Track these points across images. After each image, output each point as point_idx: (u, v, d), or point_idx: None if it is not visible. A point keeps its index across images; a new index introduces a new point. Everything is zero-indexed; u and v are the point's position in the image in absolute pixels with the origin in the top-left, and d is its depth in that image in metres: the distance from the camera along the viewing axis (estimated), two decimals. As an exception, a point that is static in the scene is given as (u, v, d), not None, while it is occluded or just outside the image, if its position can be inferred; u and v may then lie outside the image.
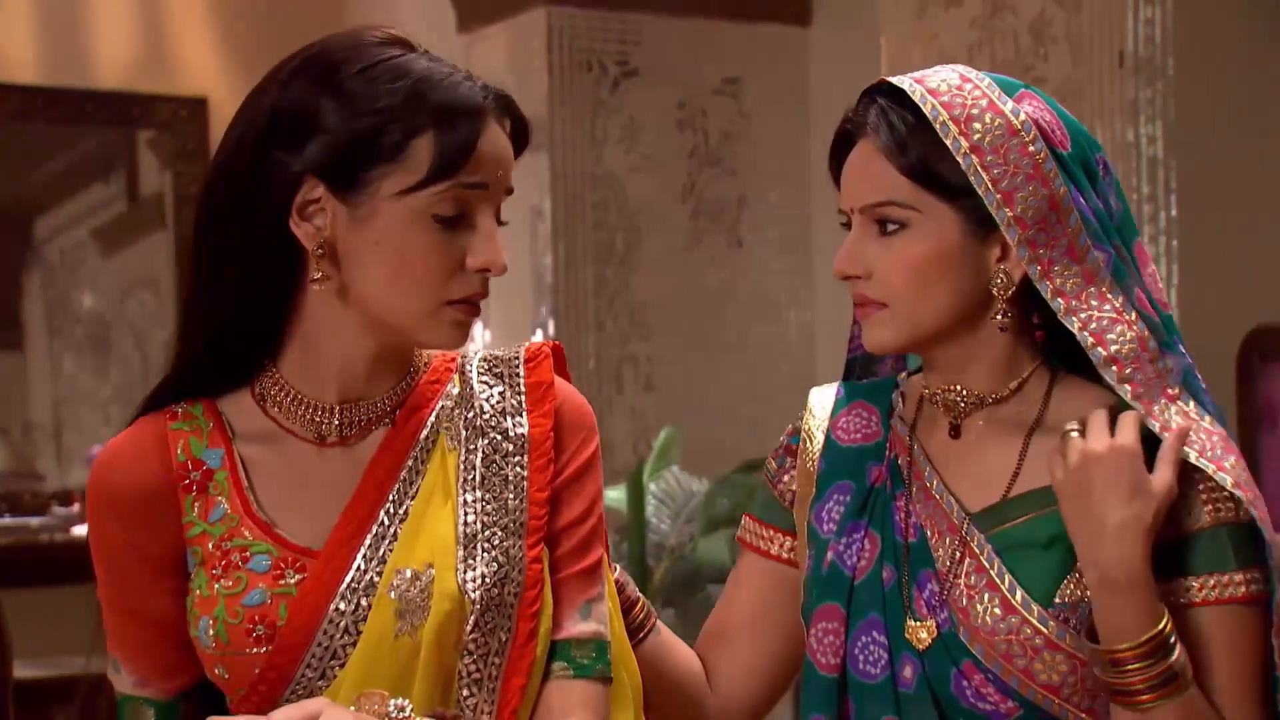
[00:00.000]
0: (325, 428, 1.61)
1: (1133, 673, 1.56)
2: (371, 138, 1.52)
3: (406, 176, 1.52)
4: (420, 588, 1.56)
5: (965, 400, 1.69)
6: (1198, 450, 1.61)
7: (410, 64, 1.55)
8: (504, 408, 1.63)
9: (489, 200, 1.56)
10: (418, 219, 1.53)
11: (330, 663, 1.56)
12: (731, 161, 5.48)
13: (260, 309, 1.59)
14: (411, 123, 1.52)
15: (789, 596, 1.78)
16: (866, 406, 1.78)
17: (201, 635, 1.58)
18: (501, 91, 1.58)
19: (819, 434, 1.78)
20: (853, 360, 1.85)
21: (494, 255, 1.55)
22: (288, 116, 1.54)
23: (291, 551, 1.58)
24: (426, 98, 1.53)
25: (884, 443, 1.75)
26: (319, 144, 1.53)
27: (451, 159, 1.52)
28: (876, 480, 1.73)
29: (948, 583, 1.65)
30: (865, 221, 1.67)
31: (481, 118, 1.55)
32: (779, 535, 1.81)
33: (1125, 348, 1.62)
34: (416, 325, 1.56)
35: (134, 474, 1.61)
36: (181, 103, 6.09)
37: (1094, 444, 1.59)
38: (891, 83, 1.68)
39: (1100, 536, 1.57)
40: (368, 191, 1.53)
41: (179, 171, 6.15)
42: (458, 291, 1.55)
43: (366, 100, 1.53)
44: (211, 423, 1.63)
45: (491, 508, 1.58)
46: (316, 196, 1.54)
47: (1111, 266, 1.65)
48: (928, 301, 1.65)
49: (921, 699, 1.64)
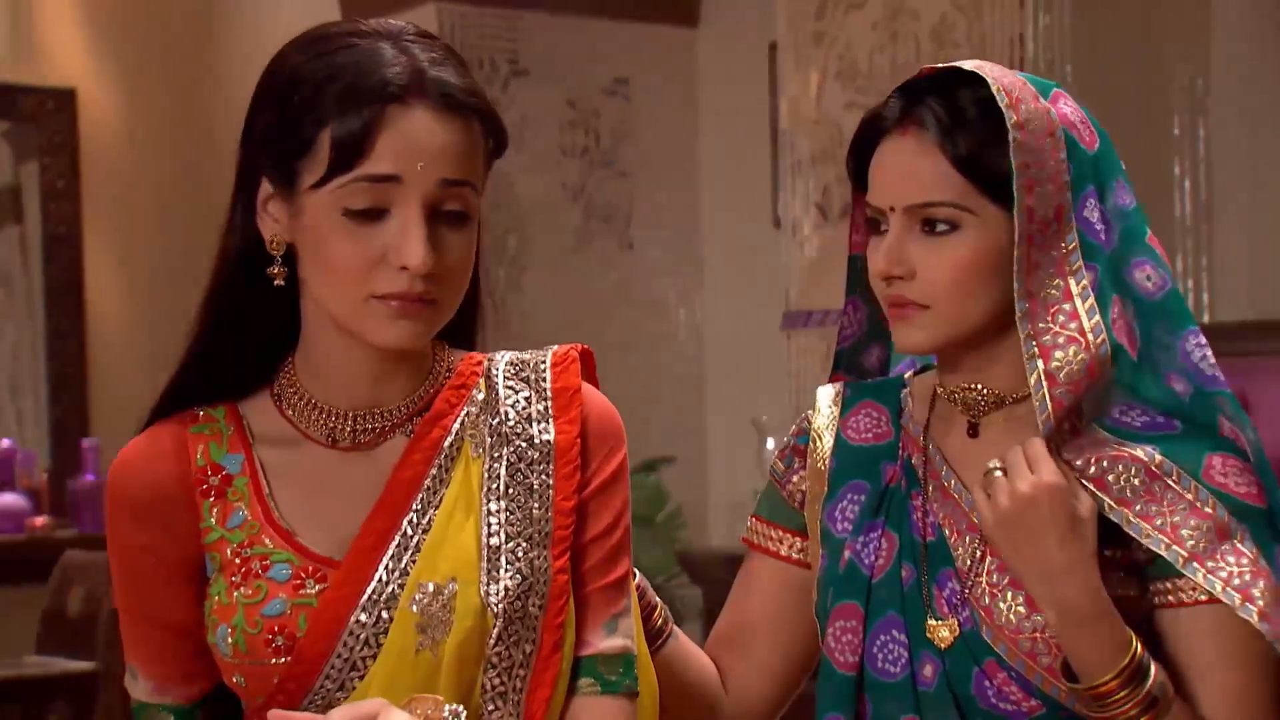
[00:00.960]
0: (338, 432, 1.58)
1: (1121, 701, 1.55)
2: (292, 132, 1.49)
3: (316, 169, 1.48)
4: (442, 602, 1.52)
5: (985, 399, 1.69)
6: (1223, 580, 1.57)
7: (342, 54, 1.49)
8: (529, 414, 1.59)
9: (410, 193, 1.47)
10: (329, 213, 1.48)
11: (350, 674, 1.52)
12: (622, 163, 5.48)
13: (268, 309, 1.57)
14: (318, 114, 1.48)
15: (801, 597, 1.77)
16: (875, 406, 1.77)
17: (220, 643, 1.55)
18: (440, 75, 1.48)
19: (828, 433, 1.77)
20: (840, 353, 1.84)
21: (409, 253, 1.46)
22: (247, 124, 1.55)
23: (312, 561, 1.55)
24: (330, 87, 1.47)
25: (896, 442, 1.74)
26: (260, 143, 1.53)
27: (346, 150, 1.46)
28: (891, 480, 1.72)
29: (969, 581, 1.64)
30: (908, 220, 1.65)
31: (382, 104, 1.46)
32: (788, 536, 1.80)
33: (1069, 368, 1.61)
34: (352, 322, 1.51)
35: (151, 477, 1.58)
36: (49, 94, 5.94)
37: (1021, 486, 1.57)
38: (941, 70, 1.66)
39: (1052, 577, 1.56)
40: (297, 186, 1.50)
41: (46, 164, 6.00)
42: (382, 287, 1.48)
43: (290, 95, 1.50)
44: (232, 427, 1.60)
45: (516, 518, 1.55)
46: (268, 195, 1.54)
47: (1096, 287, 1.64)
48: (972, 304, 1.64)
49: (942, 698, 1.63)
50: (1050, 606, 1.57)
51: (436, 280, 1.49)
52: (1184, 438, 1.63)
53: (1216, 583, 1.56)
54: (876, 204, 1.68)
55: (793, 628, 1.79)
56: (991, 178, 1.62)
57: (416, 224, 1.47)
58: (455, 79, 1.50)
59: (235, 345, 1.59)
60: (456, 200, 1.50)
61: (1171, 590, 1.61)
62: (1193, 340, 1.66)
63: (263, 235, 1.55)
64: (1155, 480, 1.60)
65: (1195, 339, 1.66)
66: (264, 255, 1.55)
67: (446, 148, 1.48)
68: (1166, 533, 1.58)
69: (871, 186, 1.69)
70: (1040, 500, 1.56)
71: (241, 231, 1.57)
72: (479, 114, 1.51)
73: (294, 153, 1.50)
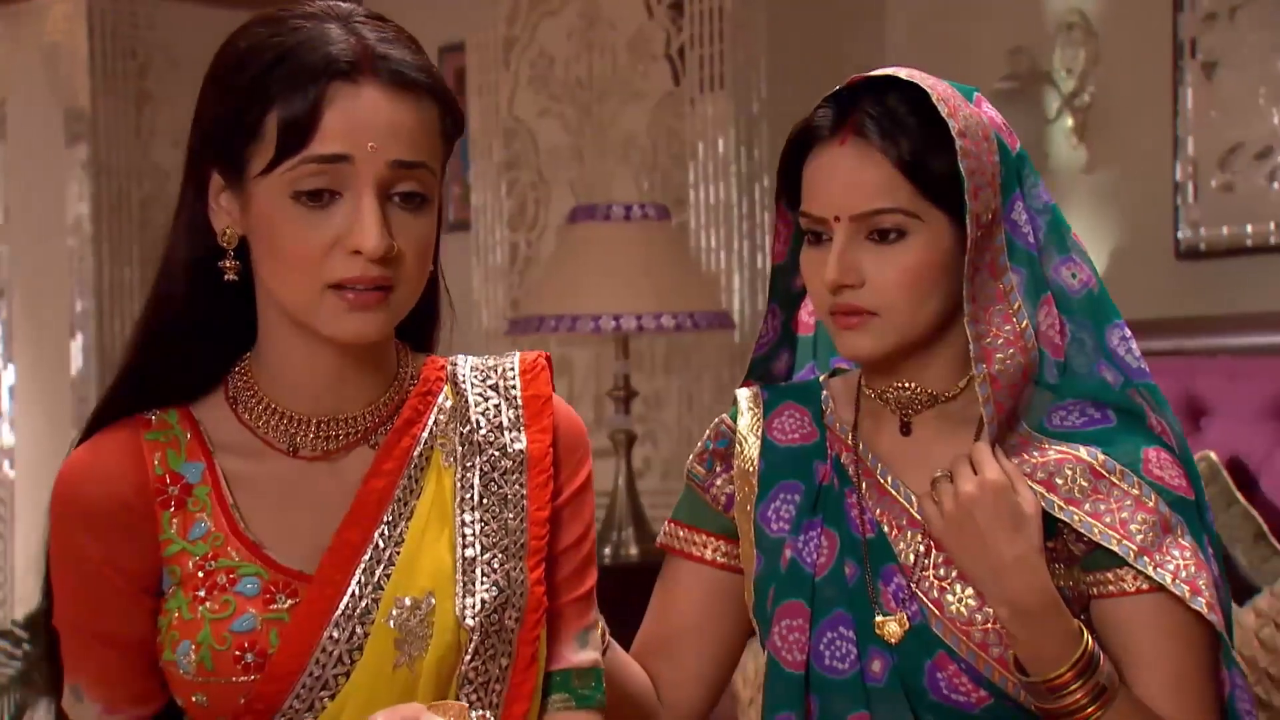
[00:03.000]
0: (300, 440, 1.51)
1: (1075, 690, 1.60)
2: (238, 118, 1.43)
3: (264, 154, 1.42)
4: (420, 617, 1.48)
5: (919, 398, 1.71)
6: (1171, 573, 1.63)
7: (284, 37, 1.44)
8: (500, 422, 1.55)
9: (362, 174, 1.41)
10: (279, 199, 1.42)
11: (320, 693, 1.46)
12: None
13: (220, 307, 1.51)
14: (263, 96, 1.41)
15: (727, 601, 1.78)
16: (797, 408, 1.79)
17: (180, 660, 1.46)
18: (389, 53, 1.44)
19: (752, 435, 1.78)
20: (755, 360, 1.85)
21: (362, 236, 1.40)
22: (196, 113, 1.49)
23: (282, 574, 1.48)
24: (277, 68, 1.42)
25: (823, 442, 1.76)
26: (208, 134, 1.47)
27: (293, 131, 1.40)
28: (823, 479, 1.74)
29: (915, 576, 1.68)
30: (854, 229, 1.66)
31: (327, 82, 1.41)
32: (712, 539, 1.80)
33: (1009, 371, 1.66)
34: (307, 314, 1.45)
35: (108, 485, 1.49)
36: None
37: (966, 486, 1.62)
38: (871, 79, 1.68)
39: (1002, 573, 1.60)
40: (246, 174, 1.45)
41: None
42: (335, 274, 1.42)
43: (235, 80, 1.44)
44: (189, 433, 1.52)
45: (491, 529, 1.51)
46: (220, 188, 1.48)
47: (1024, 288, 1.69)
48: (921, 310, 1.66)
49: (892, 693, 1.66)
50: (1001, 603, 1.61)
51: (393, 266, 1.43)
52: (1120, 431, 1.69)
53: (1166, 575, 1.63)
54: (818, 214, 1.68)
55: (720, 631, 1.79)
56: (934, 182, 1.64)
57: (370, 206, 1.41)
58: (407, 56, 1.45)
59: (186, 346, 1.51)
60: (411, 181, 1.44)
61: (1112, 580, 1.65)
62: (1118, 334, 1.72)
63: (214, 229, 1.48)
64: (1100, 479, 1.65)
65: (1120, 332, 1.72)
66: (216, 249, 1.49)
67: (398, 127, 1.42)
68: (1116, 528, 1.64)
69: (811, 197, 1.69)
70: (985, 499, 1.61)
71: (190, 225, 1.50)
72: (432, 93, 1.46)
73: (241, 139, 1.44)
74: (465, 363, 1.58)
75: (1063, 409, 1.71)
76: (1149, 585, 1.64)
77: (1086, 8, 3.79)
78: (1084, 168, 3.82)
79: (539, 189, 4.65)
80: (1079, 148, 3.82)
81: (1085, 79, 3.80)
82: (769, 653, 1.72)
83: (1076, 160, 3.83)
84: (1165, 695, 1.64)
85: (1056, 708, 1.61)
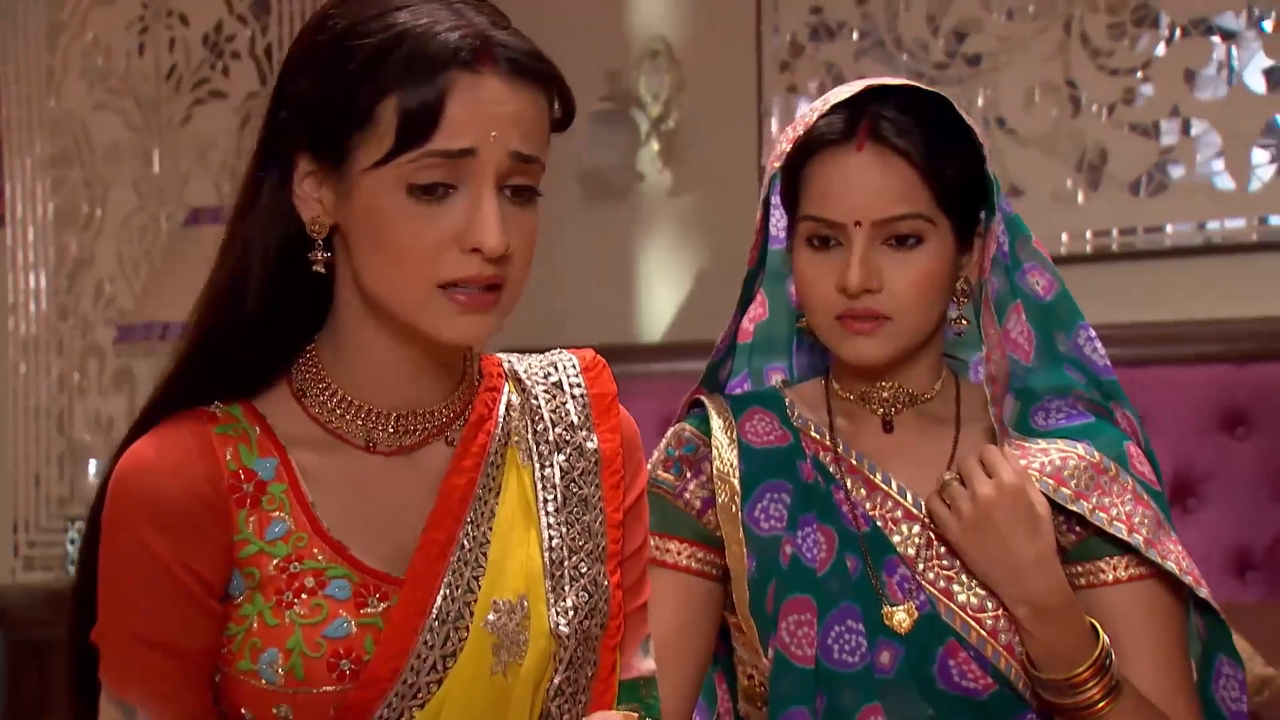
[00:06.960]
0: (377, 434, 1.43)
1: (1091, 688, 1.65)
2: (344, 105, 1.35)
3: (378, 145, 1.34)
4: (516, 620, 1.42)
5: (901, 399, 1.76)
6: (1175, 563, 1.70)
7: (395, 16, 1.35)
8: (571, 420, 1.50)
9: (484, 168, 1.34)
10: (392, 191, 1.35)
11: (410, 702, 1.39)
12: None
13: (292, 296, 1.42)
14: (375, 84, 1.33)
15: (704, 605, 1.77)
16: (764, 412, 1.80)
17: (263, 669, 1.36)
18: (506, 40, 1.36)
19: (727, 439, 1.78)
20: (712, 365, 1.85)
21: (484, 234, 1.33)
22: (280, 92, 1.41)
23: (372, 577, 1.40)
24: (392, 54, 1.33)
25: (798, 443, 1.77)
26: (301, 117, 1.38)
27: (416, 123, 1.32)
28: (809, 477, 1.75)
29: (918, 566, 1.71)
30: (873, 234, 1.68)
31: (450, 72, 1.33)
32: (685, 545, 1.78)
33: (1002, 374, 1.72)
34: (413, 314, 1.37)
35: (183, 481, 1.37)
36: None
37: (983, 488, 1.66)
38: (884, 87, 1.69)
39: (1022, 573, 1.65)
40: (349, 164, 1.36)
41: None
42: (449, 273, 1.35)
43: (339, 63, 1.35)
44: (257, 428, 1.42)
45: (575, 531, 1.47)
46: (308, 173, 1.39)
47: (996, 298, 1.76)
48: (929, 313, 1.71)
49: (902, 683, 1.68)
50: (1020, 603, 1.65)
51: (503, 264, 1.37)
52: (1099, 428, 1.77)
53: (1172, 566, 1.71)
54: (835, 219, 1.69)
55: (700, 635, 1.78)
56: (946, 188, 1.69)
57: (491, 202, 1.35)
58: (522, 43, 1.38)
59: (255, 335, 1.41)
60: (525, 175, 1.38)
61: (1104, 569, 1.71)
62: (1084, 335, 1.80)
63: (301, 217, 1.39)
64: (1101, 475, 1.72)
65: (1086, 333, 1.80)
66: (293, 238, 1.40)
67: (519, 118, 1.36)
68: (1124, 520, 1.70)
69: (824, 203, 1.70)
70: (1003, 500, 1.66)
71: (270, 212, 1.40)
72: (548, 82, 1.40)
73: (346, 127, 1.35)
74: (521, 361, 1.53)
75: (1042, 409, 1.79)
76: (1140, 573, 1.71)
77: (670, 35, 3.93)
78: (670, 190, 3.96)
79: (94, 188, 4.35)
80: (664, 171, 3.95)
81: (670, 105, 3.93)
82: (775, 650, 1.71)
83: (663, 184, 3.95)
84: (1154, 678, 1.70)
85: (1070, 703, 1.66)
